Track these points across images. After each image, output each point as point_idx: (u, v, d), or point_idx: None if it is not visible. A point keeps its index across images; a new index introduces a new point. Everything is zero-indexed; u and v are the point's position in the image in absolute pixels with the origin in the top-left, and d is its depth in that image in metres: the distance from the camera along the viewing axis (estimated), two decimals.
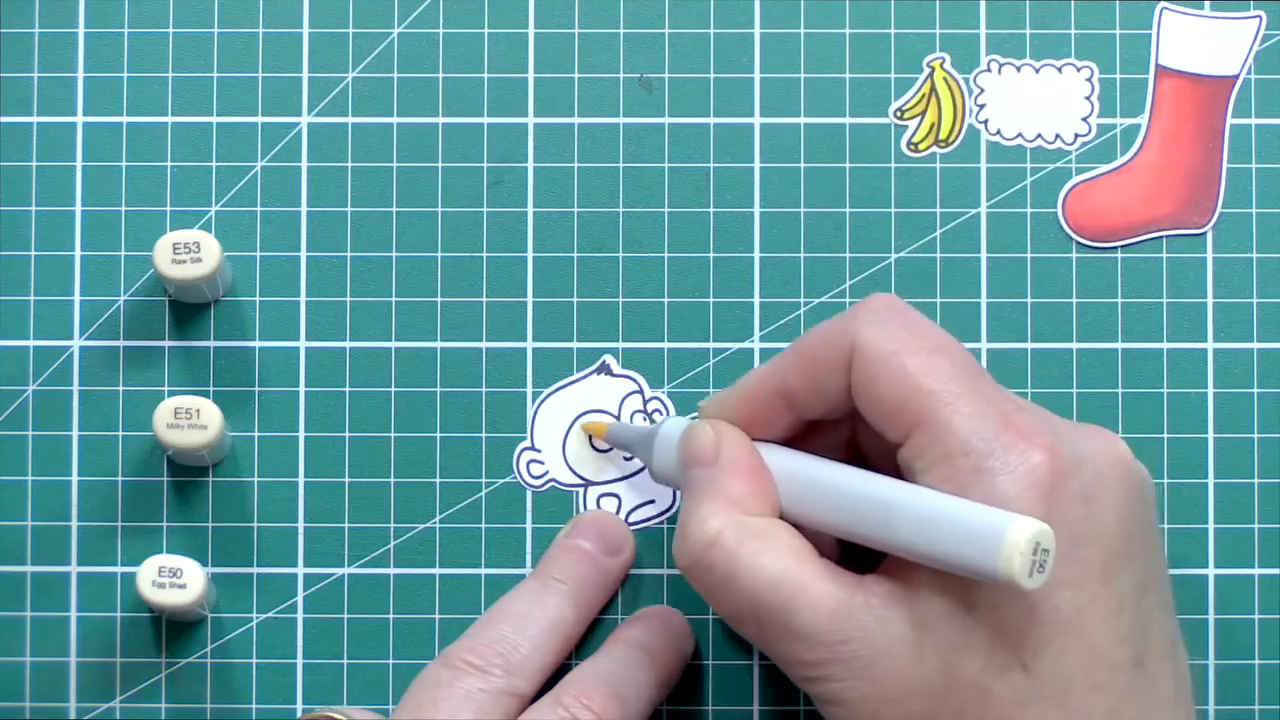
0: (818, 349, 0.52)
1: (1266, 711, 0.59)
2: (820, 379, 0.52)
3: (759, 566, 0.51)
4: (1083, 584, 0.49)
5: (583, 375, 0.60)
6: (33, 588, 0.59)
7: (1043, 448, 0.49)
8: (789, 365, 0.53)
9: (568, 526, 0.59)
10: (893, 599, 0.50)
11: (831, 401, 0.52)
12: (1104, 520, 0.50)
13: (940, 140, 0.61)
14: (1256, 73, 0.61)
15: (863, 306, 0.52)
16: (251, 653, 0.59)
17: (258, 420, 0.60)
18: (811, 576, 0.50)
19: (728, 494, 0.52)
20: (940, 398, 0.50)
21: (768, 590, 0.50)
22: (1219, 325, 0.60)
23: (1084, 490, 0.49)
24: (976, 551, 0.47)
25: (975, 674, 0.49)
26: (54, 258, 0.60)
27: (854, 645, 0.49)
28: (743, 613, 0.51)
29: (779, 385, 0.53)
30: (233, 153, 0.60)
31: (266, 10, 0.60)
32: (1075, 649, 0.49)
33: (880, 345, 0.51)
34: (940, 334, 0.52)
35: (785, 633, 0.50)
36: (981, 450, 0.49)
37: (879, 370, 0.51)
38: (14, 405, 0.59)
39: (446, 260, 0.60)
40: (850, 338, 0.51)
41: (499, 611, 0.57)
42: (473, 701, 0.54)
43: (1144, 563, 0.51)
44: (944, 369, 0.50)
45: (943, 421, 0.50)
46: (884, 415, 0.51)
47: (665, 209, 0.60)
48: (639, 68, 0.61)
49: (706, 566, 0.51)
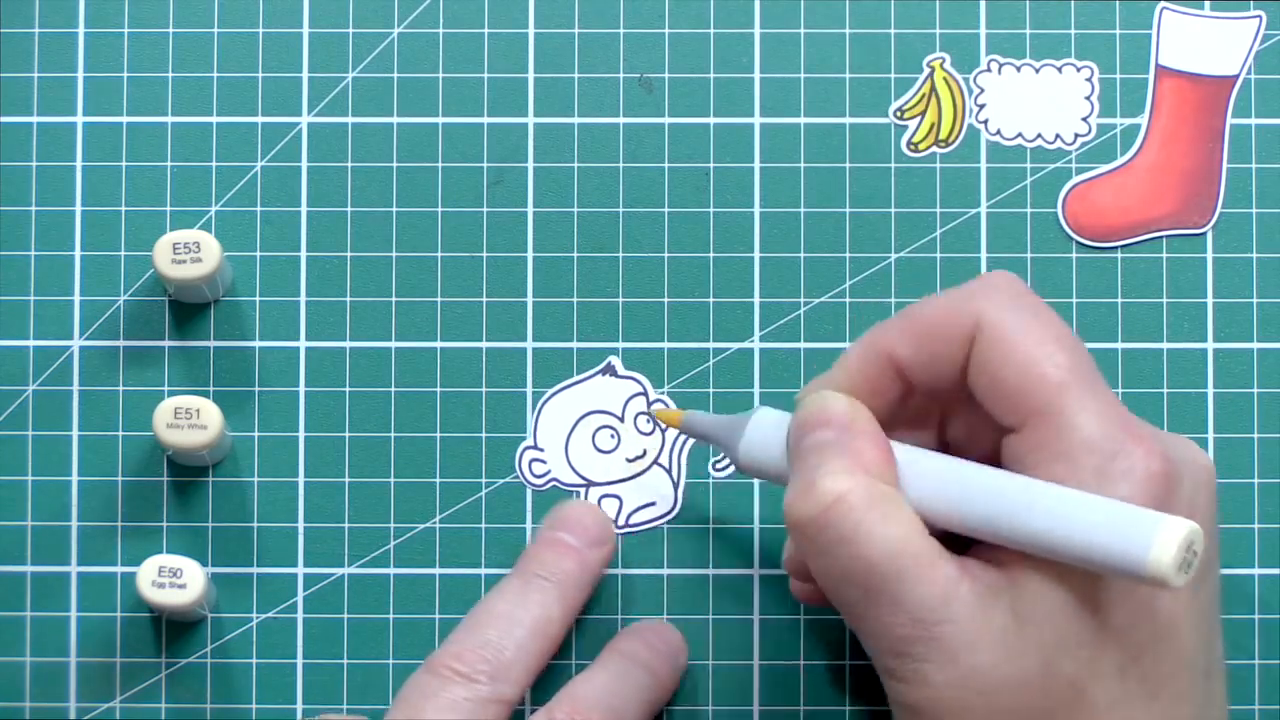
0: (936, 321, 0.51)
1: (1266, 711, 0.59)
2: (937, 352, 0.51)
3: (882, 532, 0.49)
4: (1179, 591, 0.48)
5: (587, 376, 0.60)
6: (33, 588, 0.59)
7: (1160, 456, 0.49)
8: (903, 335, 0.52)
9: (548, 518, 0.59)
10: (999, 589, 0.49)
11: (943, 374, 0.51)
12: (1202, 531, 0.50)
13: (940, 140, 0.61)
14: (1256, 73, 0.61)
15: (987, 283, 0.51)
16: (251, 653, 0.59)
17: (258, 420, 0.60)
18: (930, 552, 0.49)
19: (860, 456, 0.51)
20: (1066, 391, 0.49)
21: (886, 556, 0.49)
22: (1219, 325, 0.60)
23: (1188, 499, 0.49)
24: (1127, 545, 0.46)
25: (1072, 674, 0.48)
26: (54, 258, 0.60)
27: (955, 627, 0.48)
28: (852, 576, 0.50)
29: (891, 352, 0.52)
30: (233, 153, 0.60)
31: (266, 10, 0.60)
32: (1168, 655, 0.49)
33: (1006, 327, 0.50)
34: (1065, 327, 0.51)
35: (890, 601, 0.49)
36: (1106, 451, 0.49)
37: (1003, 352, 0.50)
38: (14, 405, 0.59)
39: (446, 260, 0.60)
40: (974, 314, 0.50)
41: (484, 613, 0.57)
42: (459, 710, 0.54)
43: (1218, 575, 0.51)
44: (1068, 361, 0.50)
45: (1068, 416, 0.49)
46: (1002, 400, 0.50)
47: (665, 209, 0.60)
48: (639, 68, 0.61)
49: (825, 524, 0.50)
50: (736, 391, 0.60)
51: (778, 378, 0.60)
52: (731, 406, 0.60)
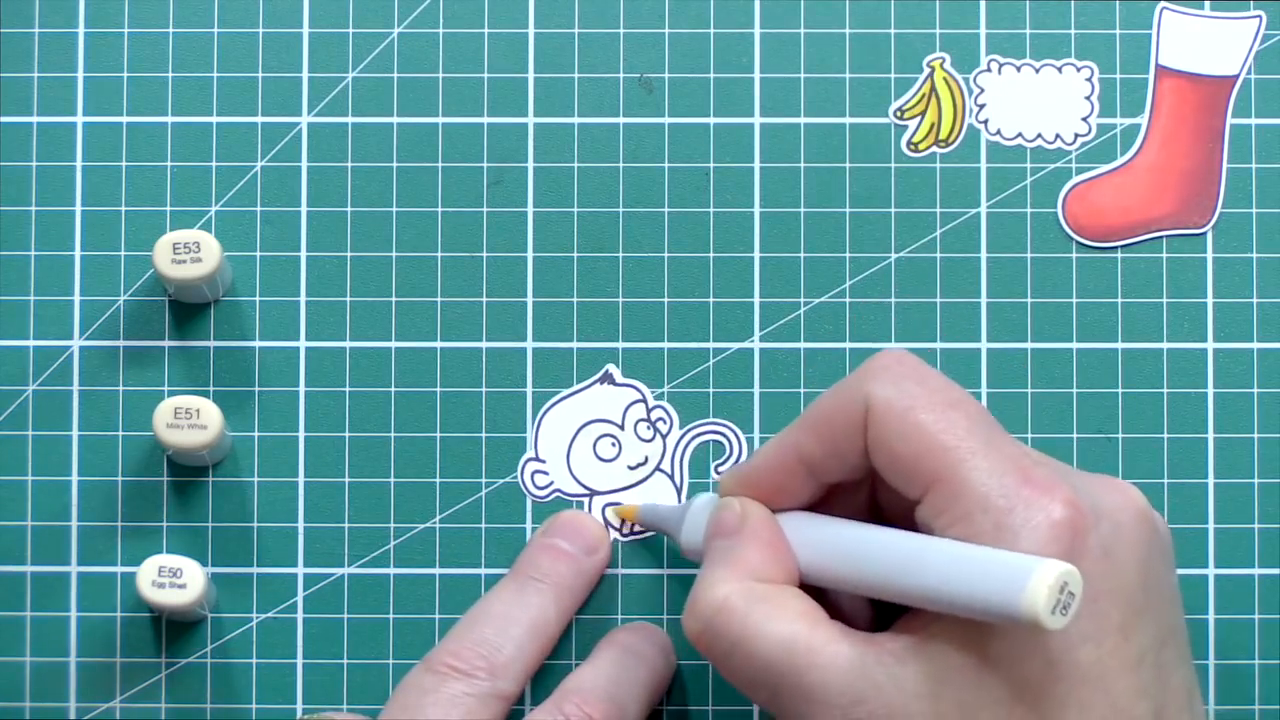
0: (832, 412, 0.52)
1: (1266, 711, 0.59)
2: (837, 442, 0.52)
3: (768, 631, 0.50)
4: (1103, 638, 0.48)
5: (585, 385, 0.60)
6: (33, 588, 0.59)
7: (1063, 502, 0.49)
8: (805, 432, 0.53)
9: (544, 525, 0.59)
10: (908, 654, 0.49)
11: (850, 463, 0.52)
12: (1124, 574, 0.49)
13: (940, 140, 0.61)
14: (1256, 73, 0.61)
15: (874, 364, 0.52)
16: (251, 653, 0.59)
17: (258, 420, 0.60)
18: (823, 638, 0.50)
19: (742, 562, 0.52)
20: (958, 454, 0.49)
21: (777, 654, 0.50)
22: (1219, 325, 0.60)
23: (1104, 544, 0.49)
24: (1002, 590, 0.46)
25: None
26: (54, 258, 0.60)
27: (869, 705, 0.49)
28: (754, 678, 0.51)
29: (797, 453, 0.53)
30: (233, 153, 0.60)
31: (266, 10, 0.60)
32: (1097, 704, 0.48)
33: (895, 403, 0.51)
34: (954, 389, 0.51)
35: (798, 695, 0.50)
36: (1002, 506, 0.49)
37: (895, 428, 0.50)
38: (14, 405, 0.59)
39: (446, 260, 0.60)
40: (864, 397, 0.51)
41: (480, 613, 0.57)
42: (460, 705, 0.54)
43: (1162, 615, 0.50)
44: (960, 424, 0.50)
45: (961, 477, 0.49)
46: (901, 472, 0.50)
47: (665, 209, 0.60)
48: (639, 68, 0.61)
49: (715, 632, 0.51)
50: (736, 391, 0.60)
51: (778, 378, 0.60)
52: (731, 406, 0.60)
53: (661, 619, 0.59)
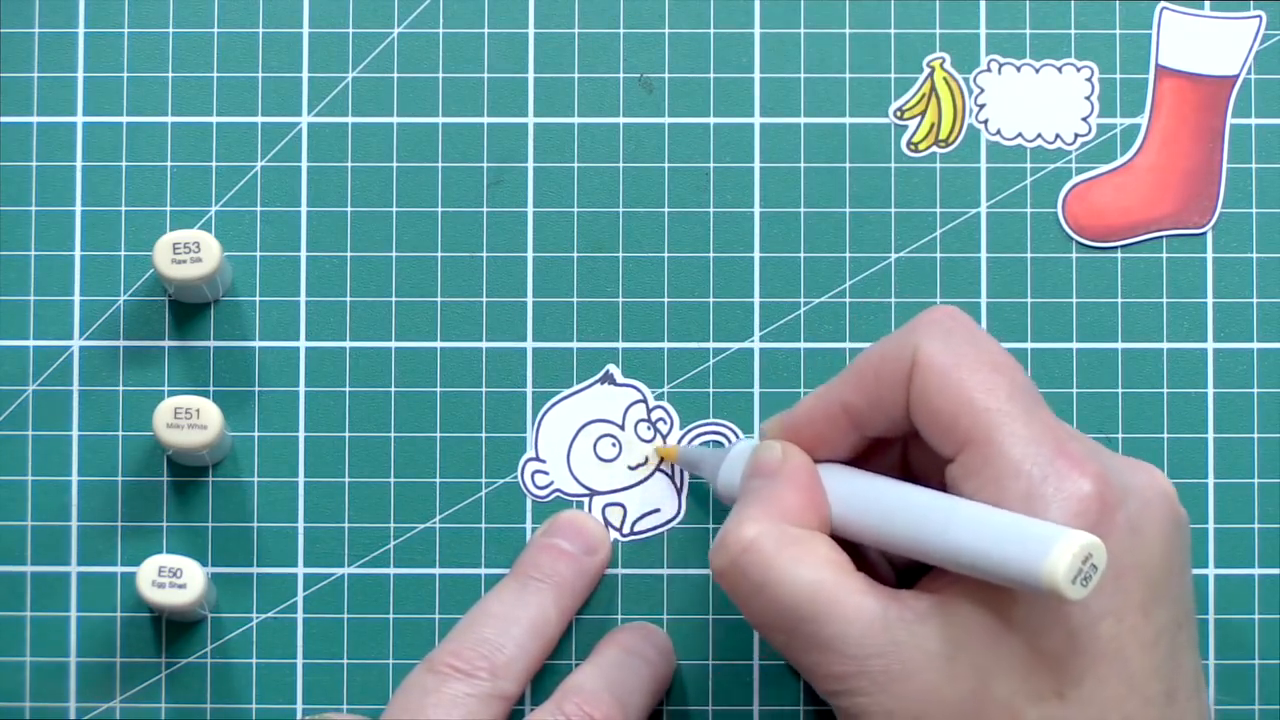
0: (879, 363, 0.52)
1: (1266, 711, 0.59)
2: (883, 394, 0.52)
3: (794, 574, 0.50)
4: (1124, 614, 0.49)
5: (586, 385, 0.60)
6: (33, 588, 0.59)
7: (1094, 477, 0.49)
8: (851, 381, 0.53)
9: (544, 526, 0.59)
10: (930, 615, 0.49)
11: (893, 417, 0.52)
12: (1148, 553, 0.49)
13: (940, 140, 0.61)
14: (1256, 73, 0.61)
15: (925, 318, 0.52)
16: (251, 653, 0.59)
17: (258, 420, 0.60)
18: (847, 589, 0.50)
19: (776, 503, 0.52)
20: (996, 417, 0.50)
21: (801, 600, 0.50)
22: (1219, 325, 0.60)
23: (1130, 522, 0.49)
24: (1025, 556, 0.47)
25: (1008, 697, 0.48)
26: (54, 258, 0.60)
27: (886, 660, 0.49)
28: (774, 621, 0.51)
29: (842, 402, 0.53)
30: (233, 153, 0.60)
31: (266, 10, 0.60)
32: (1112, 679, 0.49)
33: (940, 358, 0.51)
34: (1002, 353, 0.51)
35: (815, 644, 0.50)
36: (1034, 475, 0.49)
37: (937, 384, 0.50)
38: (14, 405, 0.59)
39: (446, 260, 0.60)
40: (912, 350, 0.51)
41: (480, 613, 0.57)
42: (461, 706, 0.54)
43: (1180, 598, 0.50)
44: (1002, 388, 0.50)
45: (997, 441, 0.49)
46: (939, 429, 0.50)
47: (665, 209, 0.60)
48: (639, 68, 0.61)
49: (740, 571, 0.51)
50: (736, 391, 0.60)
51: (778, 378, 0.60)
52: (731, 406, 0.60)
53: (661, 619, 0.59)
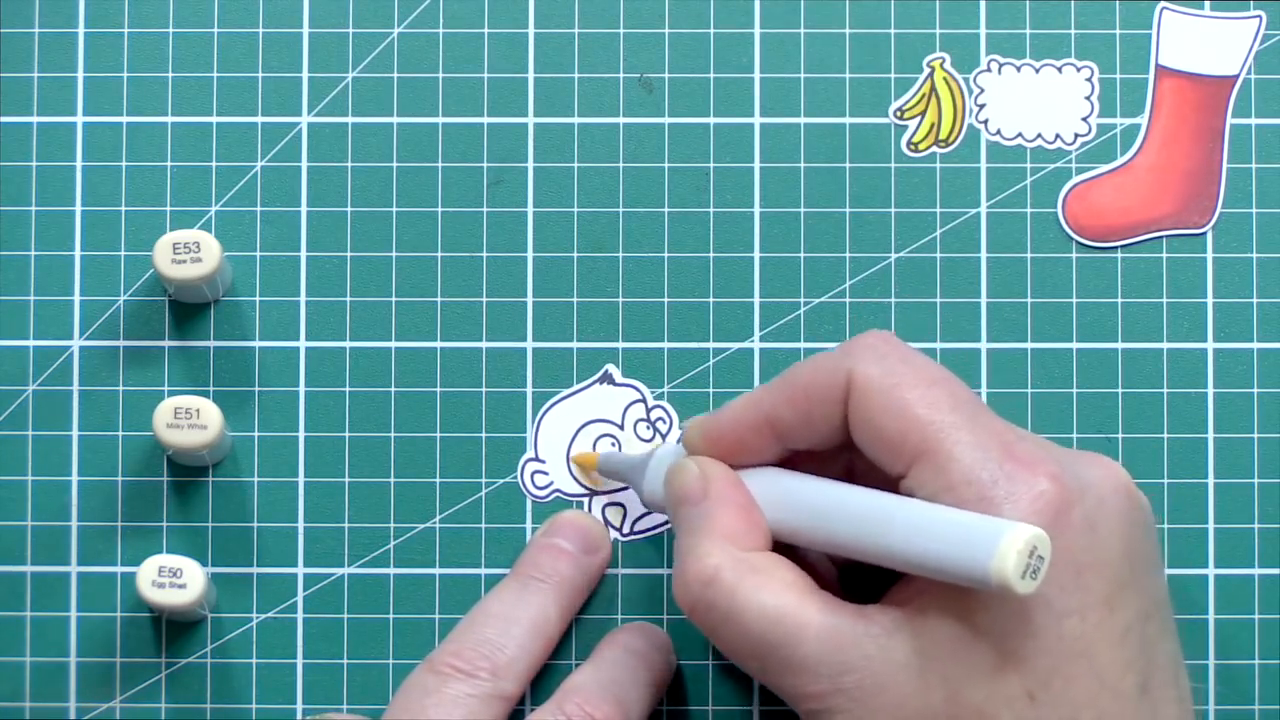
0: (810, 382, 0.52)
1: (1266, 711, 0.59)
2: (812, 411, 0.52)
3: (759, 602, 0.51)
4: (1087, 611, 0.49)
5: (585, 385, 0.60)
6: (33, 588, 0.59)
7: (1047, 476, 0.49)
8: (779, 396, 0.53)
9: (545, 526, 0.59)
10: (896, 627, 0.49)
11: (822, 434, 0.52)
12: (1108, 547, 0.50)
13: (940, 140, 0.61)
14: (1256, 73, 0.61)
15: (858, 342, 0.52)
16: (251, 653, 0.59)
17: (258, 420, 0.60)
18: (813, 609, 0.50)
19: (721, 529, 0.52)
20: (942, 428, 0.50)
21: (769, 625, 0.50)
22: (1219, 325, 0.60)
23: (1088, 518, 0.49)
24: (971, 553, 0.47)
25: (980, 702, 0.49)
26: (54, 258, 0.60)
27: (857, 675, 0.49)
28: (745, 649, 0.51)
29: (768, 415, 0.53)
30: (233, 153, 0.60)
31: (266, 10, 0.60)
32: (1081, 677, 0.49)
33: (879, 379, 0.51)
34: (938, 368, 0.52)
35: (787, 667, 0.50)
36: (985, 480, 0.49)
37: (878, 404, 0.51)
38: (14, 405, 0.59)
39: (446, 260, 0.60)
40: (846, 372, 0.51)
41: (481, 613, 0.57)
42: (462, 706, 0.54)
43: (1146, 589, 0.50)
44: (944, 401, 0.50)
45: (945, 451, 0.49)
46: (885, 448, 0.51)
47: (665, 209, 0.60)
48: (639, 68, 0.61)
49: (707, 605, 0.51)
50: (736, 391, 0.60)
51: None
52: None
53: (661, 619, 0.59)
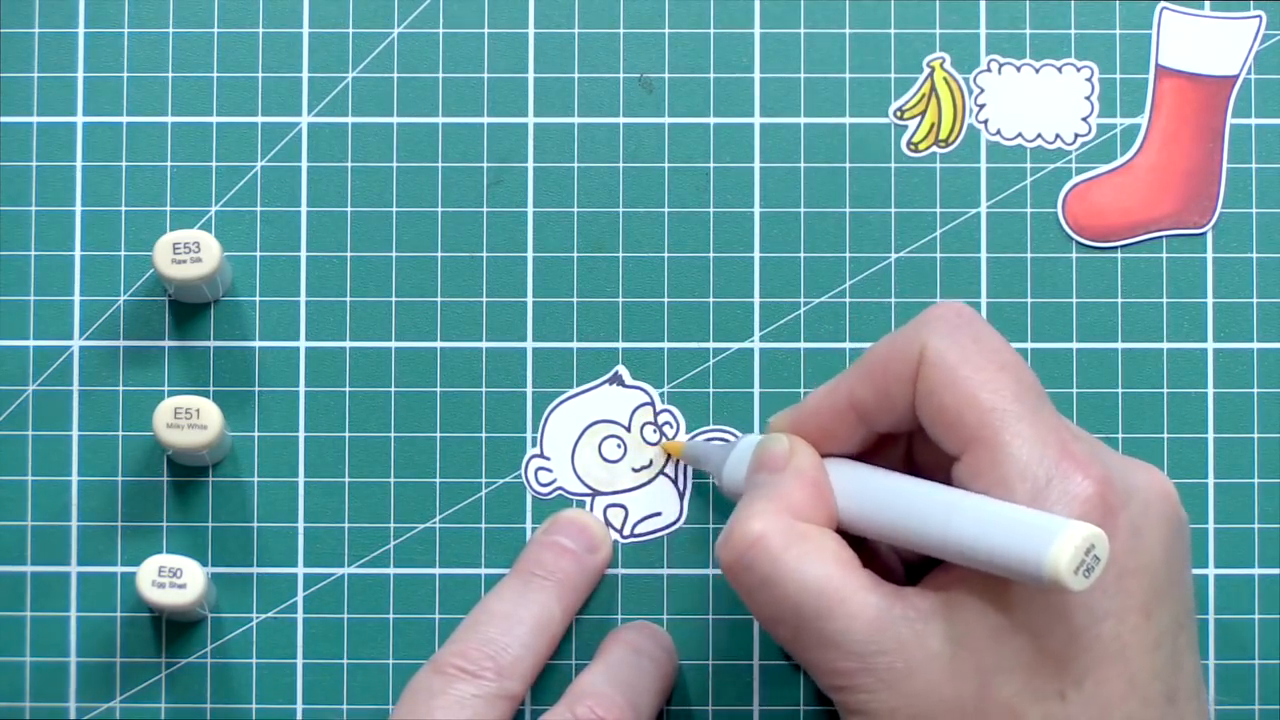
0: (887, 358, 0.52)
1: (1266, 712, 0.59)
2: (890, 388, 0.52)
3: (800, 570, 0.50)
4: (1125, 615, 0.49)
5: (594, 385, 0.60)
6: (33, 588, 0.59)
7: (1098, 479, 0.49)
8: (859, 376, 0.53)
9: (546, 524, 0.59)
10: (934, 614, 0.49)
11: (900, 413, 0.52)
12: (1150, 554, 0.50)
13: (940, 140, 0.61)
14: (1256, 73, 0.61)
15: (932, 314, 0.52)
16: (251, 653, 0.59)
17: (258, 420, 0.60)
18: (853, 586, 0.50)
19: (783, 498, 0.52)
20: (1002, 416, 0.50)
21: (806, 596, 0.50)
22: (1219, 325, 0.60)
23: (1133, 523, 0.49)
24: (1028, 547, 0.47)
25: (1010, 697, 0.49)
26: (54, 258, 0.60)
27: (889, 657, 0.49)
28: (779, 616, 0.51)
29: (850, 397, 0.53)
30: (233, 153, 0.60)
31: (266, 10, 0.60)
32: (1114, 680, 0.49)
33: (947, 355, 0.51)
34: (1008, 351, 0.51)
35: (820, 640, 0.50)
36: (1040, 477, 0.49)
37: (943, 381, 0.50)
38: (14, 405, 0.59)
39: (446, 260, 0.60)
40: (919, 346, 0.51)
41: (484, 613, 0.57)
42: (467, 707, 0.54)
43: (1181, 599, 0.51)
44: (1008, 387, 0.50)
45: (1002, 441, 0.49)
46: (945, 426, 0.50)
47: (665, 209, 0.60)
48: (639, 68, 0.61)
49: (746, 565, 0.51)
50: (736, 391, 0.60)
51: (778, 378, 0.60)
52: (731, 406, 0.60)
53: (662, 619, 0.59)
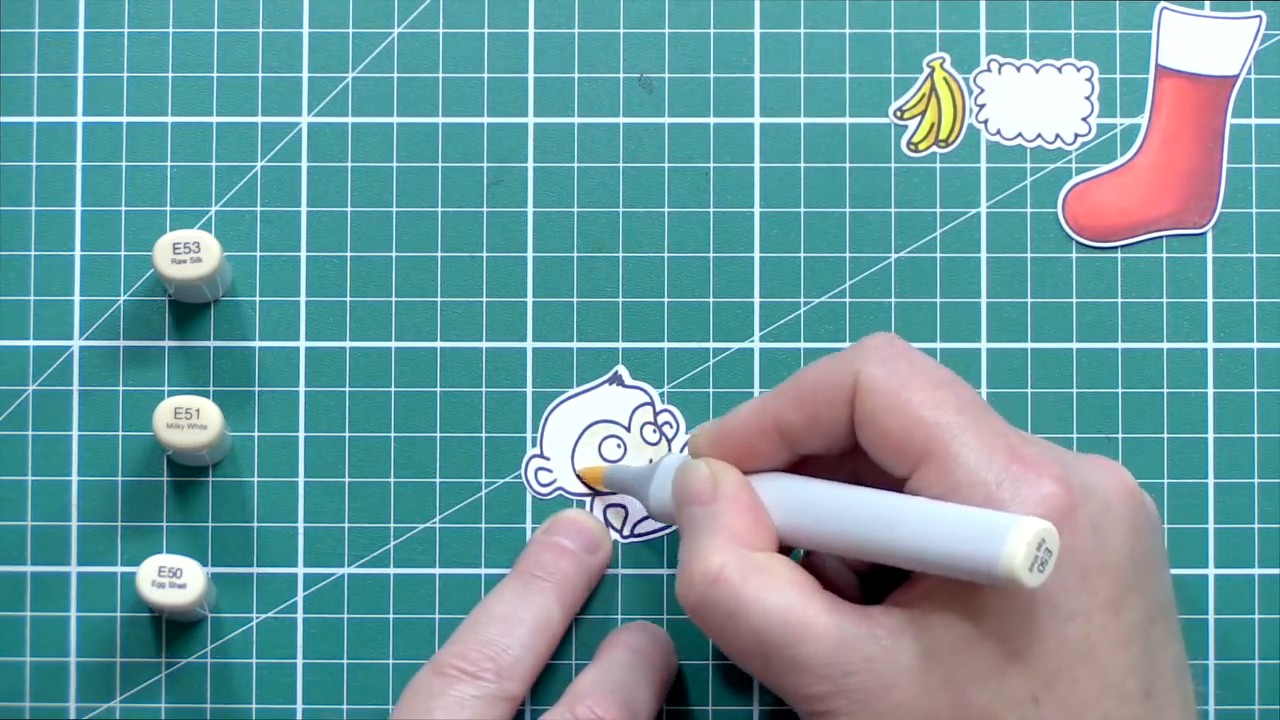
0: (817, 384, 0.52)
1: (1266, 711, 0.59)
2: (820, 414, 0.52)
3: (763, 601, 0.50)
4: (1093, 614, 0.49)
5: (594, 385, 0.60)
6: (33, 588, 0.59)
7: (1052, 478, 0.49)
8: (786, 400, 0.53)
9: (546, 524, 0.59)
10: (900, 629, 0.49)
11: (829, 437, 0.52)
12: (1113, 551, 0.50)
13: (940, 140, 0.61)
14: (1256, 73, 0.61)
15: (864, 344, 0.52)
16: (251, 653, 0.59)
17: (258, 420, 0.60)
18: (816, 610, 0.50)
19: (728, 529, 0.52)
20: (947, 430, 0.50)
21: (772, 625, 0.50)
22: (1219, 325, 0.60)
23: (1093, 521, 0.49)
24: (979, 546, 0.47)
25: (985, 704, 0.49)
26: (54, 258, 0.60)
27: (860, 677, 0.49)
28: (748, 649, 0.51)
29: (775, 419, 0.53)
30: (233, 153, 0.60)
31: (266, 10, 0.60)
32: (1085, 680, 0.49)
33: (885, 381, 0.51)
34: (943, 370, 0.52)
35: (790, 667, 0.50)
36: (990, 482, 0.49)
37: (884, 405, 0.51)
38: (14, 405, 0.59)
39: (446, 260, 0.60)
40: (852, 374, 0.51)
41: (484, 613, 0.57)
42: (468, 708, 0.54)
43: (1152, 592, 0.50)
44: (949, 402, 0.50)
45: (951, 453, 0.49)
46: (890, 450, 0.51)
47: (665, 209, 0.60)
48: (639, 68, 0.61)
49: (711, 603, 0.51)
50: (736, 391, 0.60)
51: (778, 377, 0.60)
52: (731, 406, 0.60)
53: (661, 619, 0.59)
